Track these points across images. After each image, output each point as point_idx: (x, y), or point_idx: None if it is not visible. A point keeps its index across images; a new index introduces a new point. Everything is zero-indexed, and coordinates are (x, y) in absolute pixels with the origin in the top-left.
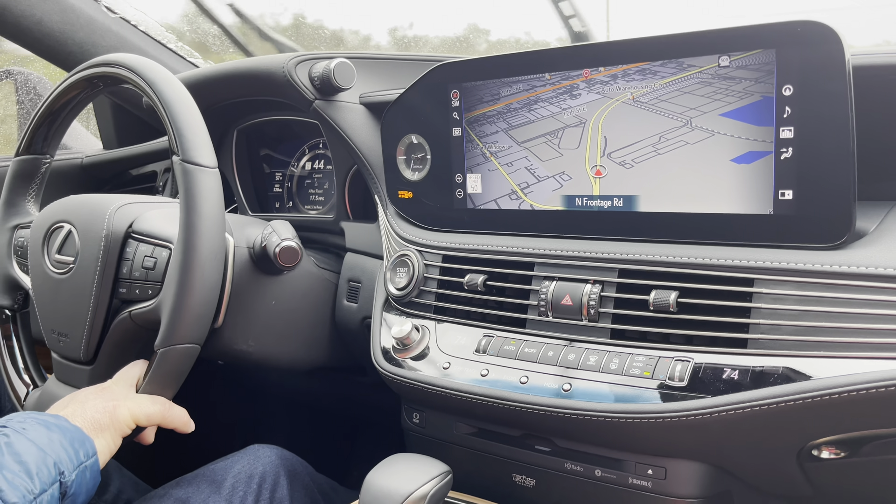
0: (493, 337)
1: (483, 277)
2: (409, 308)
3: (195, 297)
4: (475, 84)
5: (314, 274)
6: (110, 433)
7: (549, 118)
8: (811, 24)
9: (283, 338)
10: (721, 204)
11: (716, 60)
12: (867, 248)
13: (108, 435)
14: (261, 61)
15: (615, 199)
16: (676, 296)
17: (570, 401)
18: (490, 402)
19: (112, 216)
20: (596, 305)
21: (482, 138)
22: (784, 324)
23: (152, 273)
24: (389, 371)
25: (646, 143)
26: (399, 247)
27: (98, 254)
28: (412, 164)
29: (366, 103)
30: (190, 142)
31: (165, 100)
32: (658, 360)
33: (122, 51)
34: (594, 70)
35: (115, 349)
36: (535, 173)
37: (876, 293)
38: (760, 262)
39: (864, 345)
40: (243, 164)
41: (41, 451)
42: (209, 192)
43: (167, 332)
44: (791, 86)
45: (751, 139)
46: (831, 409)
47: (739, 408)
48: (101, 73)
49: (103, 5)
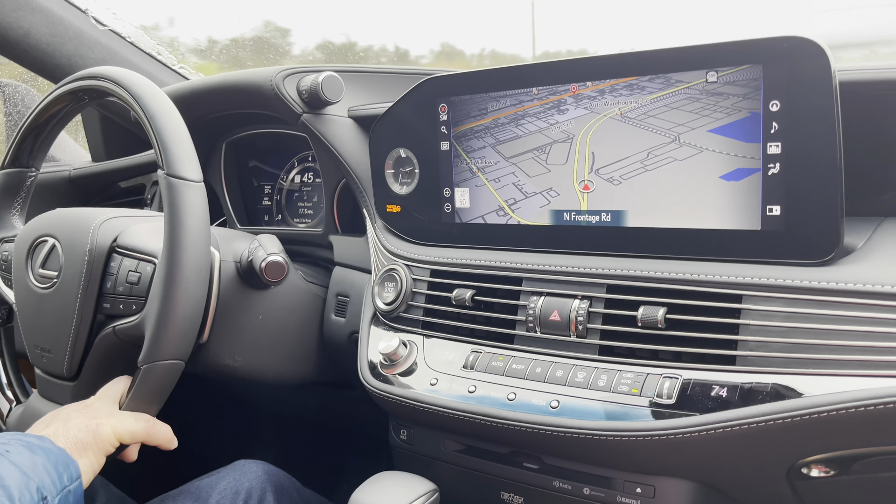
0: (480, 353)
1: (471, 292)
2: (397, 323)
3: (179, 313)
4: (463, 98)
5: (302, 288)
6: (94, 452)
7: (537, 133)
8: (797, 40)
9: (271, 353)
10: (709, 219)
11: (703, 76)
12: (855, 264)
13: (91, 454)
14: (249, 74)
15: (603, 214)
16: (664, 312)
17: (558, 418)
18: (477, 420)
19: (96, 230)
20: (584, 321)
21: (469, 153)
22: (773, 340)
23: (136, 288)
24: (376, 387)
25: (634, 159)
26: (387, 261)
27: (82, 268)
28: (400, 177)
29: (354, 117)
30: (175, 156)
31: (151, 113)
32: (646, 376)
33: (111, 63)
34: (581, 85)
35: (99, 365)
36: (523, 189)
37: (864, 310)
38: (748, 279)
39: (853, 362)
40: (232, 177)
41: (24, 475)
42: (194, 207)
43: (151, 348)
44: (778, 101)
45: (739, 156)
46: (821, 427)
47: (728, 426)
48: (86, 87)
49: (92, 17)
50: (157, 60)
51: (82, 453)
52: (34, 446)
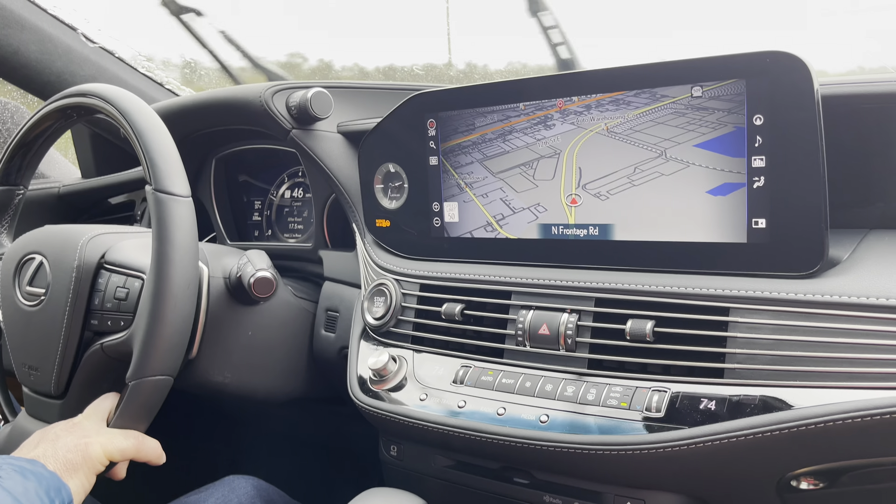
0: (470, 367)
1: (460, 306)
2: (387, 338)
3: (168, 328)
4: (450, 114)
5: (291, 304)
6: (84, 472)
7: (524, 149)
8: (779, 55)
9: (260, 369)
10: (696, 233)
11: (689, 91)
12: (841, 276)
13: (81, 474)
14: (238, 91)
15: (591, 227)
16: (652, 325)
17: (548, 433)
18: (467, 435)
19: (84, 247)
20: (573, 335)
21: (457, 169)
22: (760, 353)
23: (124, 304)
24: (366, 403)
25: (621, 174)
26: (377, 275)
27: (69, 285)
28: (389, 192)
29: (343, 132)
30: (163, 171)
31: (138, 129)
32: (635, 390)
33: (101, 80)
34: (568, 100)
35: (87, 382)
36: (511, 204)
37: (850, 322)
38: (735, 291)
39: (840, 374)
40: (222, 193)
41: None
42: (182, 222)
43: (139, 364)
44: (762, 115)
45: (725, 170)
46: (809, 440)
47: (717, 439)
48: (74, 104)
49: (82, 34)
50: (146, 77)
51: (73, 474)
52: (26, 471)
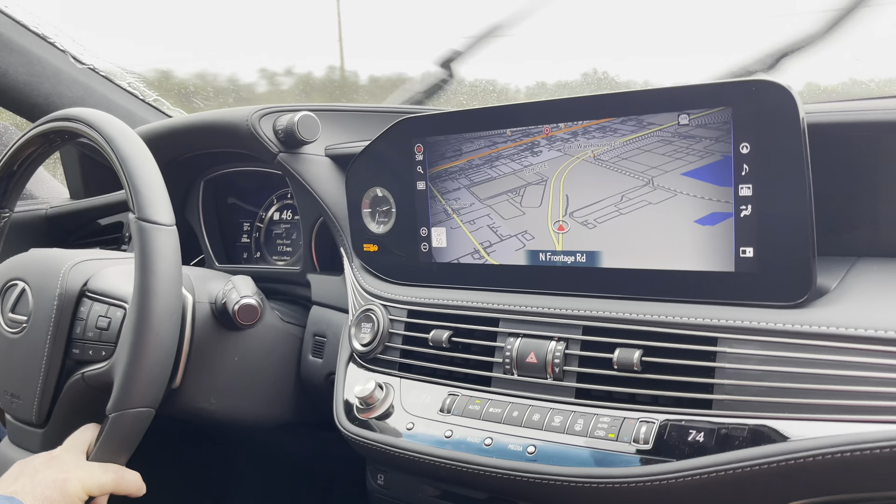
0: (457, 396)
1: (448, 333)
2: (374, 364)
3: (149, 360)
4: (437, 139)
5: (279, 328)
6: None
7: (511, 175)
8: (765, 84)
9: (247, 395)
10: (683, 261)
11: (675, 118)
12: (829, 306)
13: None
14: (225, 114)
15: (578, 254)
16: (640, 354)
17: (535, 464)
18: (454, 466)
19: (66, 274)
20: (560, 363)
21: (444, 195)
22: (748, 384)
23: (106, 334)
24: (352, 432)
25: (608, 202)
26: (364, 301)
27: (51, 313)
28: (377, 216)
29: (331, 155)
30: (146, 199)
31: (122, 156)
32: (623, 420)
33: (89, 102)
34: (555, 127)
35: (69, 412)
36: (498, 232)
37: (839, 353)
38: (723, 321)
39: (829, 406)
40: (210, 215)
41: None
42: (165, 251)
43: (120, 396)
44: (748, 144)
45: (714, 199)
46: (800, 473)
47: (706, 472)
48: (58, 128)
49: (70, 56)
50: (136, 97)
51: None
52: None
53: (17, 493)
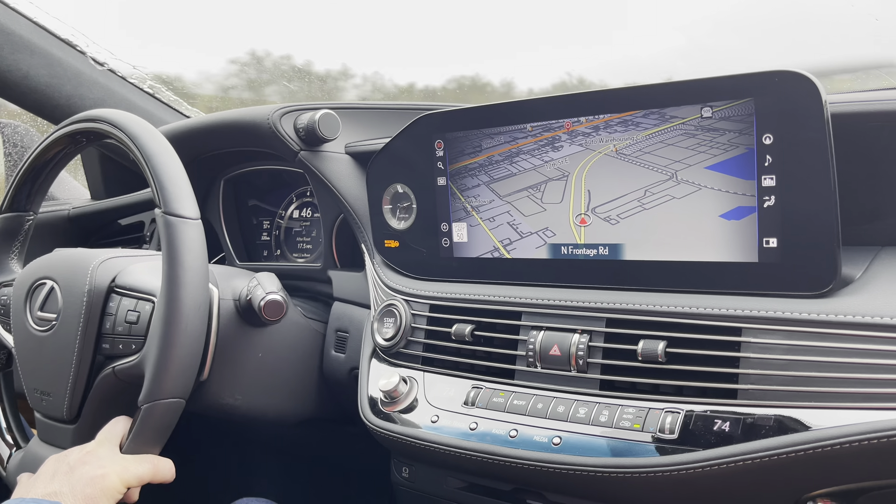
0: (481, 388)
1: (470, 327)
2: (397, 359)
3: (179, 350)
4: (457, 136)
5: (301, 325)
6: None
7: (532, 171)
8: (787, 74)
9: (271, 390)
10: (707, 252)
11: (698, 111)
12: (854, 295)
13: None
14: (246, 113)
15: (600, 247)
16: (664, 346)
17: (561, 455)
18: (479, 458)
19: (94, 271)
20: (584, 356)
21: (464, 192)
22: (773, 374)
23: (136, 327)
24: (377, 425)
25: (631, 196)
26: (386, 296)
27: (80, 310)
28: (398, 213)
29: (351, 153)
30: (172, 194)
31: (147, 153)
32: (648, 411)
33: (110, 103)
34: (576, 121)
35: (100, 407)
36: (518, 229)
37: (864, 342)
38: (748, 311)
39: (855, 395)
40: (230, 214)
41: None
42: (192, 244)
43: (151, 387)
44: (771, 135)
45: (738, 193)
46: (825, 462)
47: (732, 461)
48: (83, 129)
49: (90, 58)
50: (155, 98)
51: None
52: None
53: (57, 493)
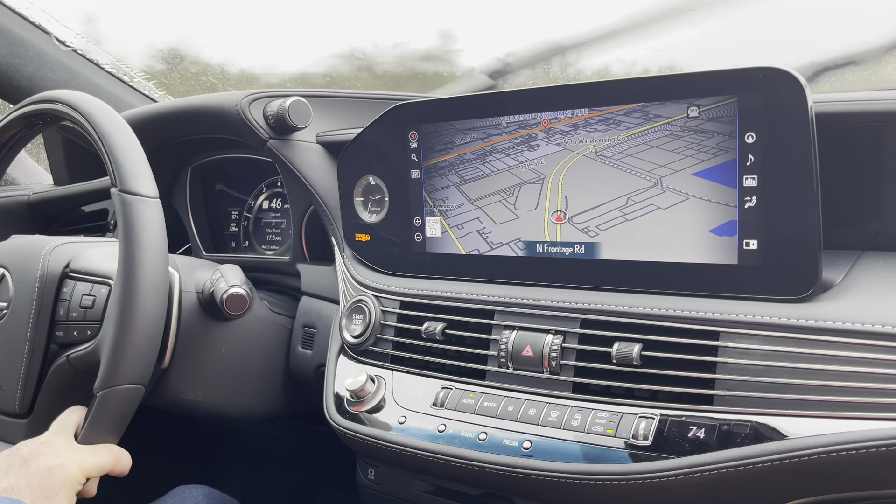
0: (451, 389)
1: (442, 325)
2: (365, 357)
3: (137, 333)
4: (431, 128)
5: (267, 319)
6: (64, 496)
7: (505, 172)
8: (772, 71)
9: (234, 386)
10: (685, 253)
11: (685, 111)
12: (835, 300)
13: (62, 498)
14: (214, 98)
15: (576, 245)
16: (640, 348)
17: (531, 460)
18: (447, 461)
19: (47, 256)
20: (557, 357)
21: (432, 193)
22: (751, 380)
23: (91, 312)
24: (342, 426)
25: (611, 205)
26: (355, 292)
27: (32, 297)
28: (370, 205)
29: (323, 142)
30: (128, 171)
31: (102, 132)
32: (622, 416)
33: (74, 84)
34: (553, 118)
35: (54, 398)
36: (488, 239)
37: (844, 349)
38: (726, 315)
39: (834, 403)
40: (198, 203)
41: None
42: (150, 223)
43: (108, 372)
44: (753, 133)
45: (731, 205)
46: (803, 471)
47: (706, 470)
48: (38, 110)
49: (55, 38)
50: (121, 81)
51: (52, 501)
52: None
53: (13, 488)
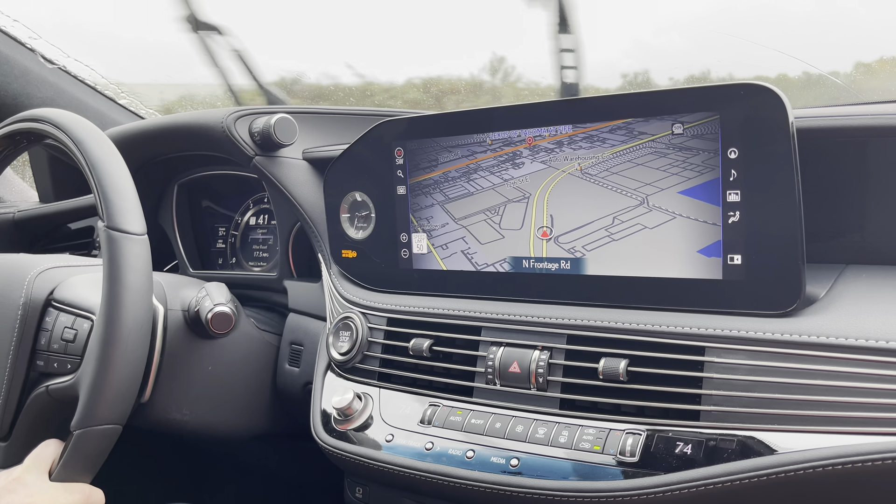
0: (438, 406)
1: (429, 342)
2: (352, 374)
3: (116, 375)
4: (416, 145)
5: (254, 337)
6: None
7: (490, 190)
8: (753, 87)
9: (221, 405)
10: (670, 268)
11: (669, 128)
12: (819, 315)
13: None
14: (200, 115)
15: (562, 261)
16: (626, 364)
17: (518, 478)
18: (434, 479)
19: (32, 282)
20: (544, 373)
21: (417, 212)
22: (737, 395)
23: (72, 346)
24: (329, 444)
25: (597, 224)
26: (342, 308)
27: (14, 323)
28: (356, 222)
29: (309, 159)
30: (116, 206)
31: (92, 160)
32: (609, 432)
33: (59, 102)
34: (538, 136)
35: (32, 425)
36: (473, 259)
37: (828, 363)
38: (711, 330)
39: (819, 418)
40: (184, 220)
41: None
42: (135, 261)
43: (85, 412)
44: (736, 149)
45: (717, 224)
46: (789, 486)
47: (693, 486)
48: (24, 129)
49: (40, 55)
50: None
51: None
52: None
53: None
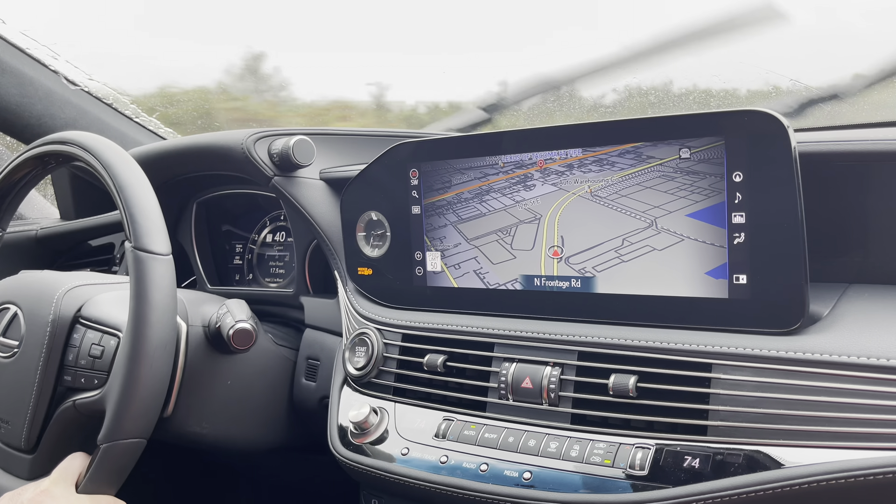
0: (452, 421)
1: (443, 358)
2: (368, 389)
3: (142, 390)
4: (430, 167)
5: (272, 352)
6: None
7: (502, 211)
8: (757, 114)
9: (239, 419)
10: (679, 288)
11: (676, 152)
12: (822, 333)
13: None
14: (220, 137)
15: (573, 279)
16: (636, 380)
17: (531, 490)
18: (449, 492)
19: (60, 300)
20: (556, 389)
21: (430, 232)
22: (743, 410)
23: (99, 362)
24: (346, 457)
25: (607, 246)
26: (358, 324)
27: (43, 339)
28: (372, 240)
29: (326, 179)
30: (143, 228)
31: (120, 184)
32: (619, 446)
33: (82, 123)
34: (549, 159)
35: (59, 438)
36: (485, 279)
37: (832, 381)
38: (718, 347)
39: (823, 433)
40: (202, 237)
41: None
42: (161, 280)
43: (111, 427)
44: (741, 172)
45: (725, 246)
46: (795, 501)
47: (701, 499)
48: (53, 151)
49: (63, 77)
50: (129, 119)
51: None
52: None
53: None
